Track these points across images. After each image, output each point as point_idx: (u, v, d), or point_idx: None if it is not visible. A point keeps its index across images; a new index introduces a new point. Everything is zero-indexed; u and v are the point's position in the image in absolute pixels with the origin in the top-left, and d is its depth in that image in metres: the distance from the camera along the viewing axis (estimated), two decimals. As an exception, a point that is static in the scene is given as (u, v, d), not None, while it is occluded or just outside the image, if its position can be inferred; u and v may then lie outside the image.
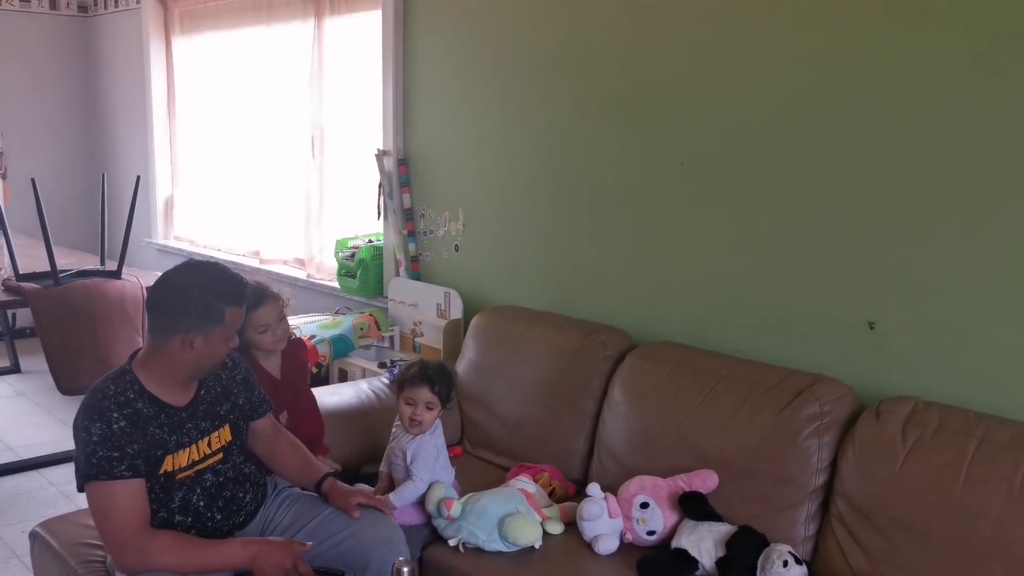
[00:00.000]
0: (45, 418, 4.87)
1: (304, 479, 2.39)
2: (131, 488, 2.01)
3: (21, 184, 5.59)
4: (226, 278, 2.13)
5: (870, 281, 2.48)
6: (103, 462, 1.98)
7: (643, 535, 2.40)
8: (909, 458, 2.14)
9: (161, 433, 2.08)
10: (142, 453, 2.03)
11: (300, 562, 2.07)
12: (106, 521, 2.02)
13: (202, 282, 2.08)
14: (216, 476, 2.19)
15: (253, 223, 5.23)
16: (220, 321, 2.07)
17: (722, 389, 2.52)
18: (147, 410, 2.06)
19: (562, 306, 3.27)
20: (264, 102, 5.07)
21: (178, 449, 2.11)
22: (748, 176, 2.73)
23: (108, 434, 1.99)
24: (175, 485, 2.11)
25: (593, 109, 3.16)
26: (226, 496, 2.21)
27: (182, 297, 2.06)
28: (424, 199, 3.90)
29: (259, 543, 2.11)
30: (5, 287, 4.09)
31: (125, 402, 2.04)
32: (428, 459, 2.51)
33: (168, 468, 2.09)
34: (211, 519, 2.17)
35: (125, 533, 2.00)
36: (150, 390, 2.08)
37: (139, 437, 2.03)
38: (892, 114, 2.39)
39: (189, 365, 2.09)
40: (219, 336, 2.08)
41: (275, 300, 2.65)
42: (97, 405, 2.02)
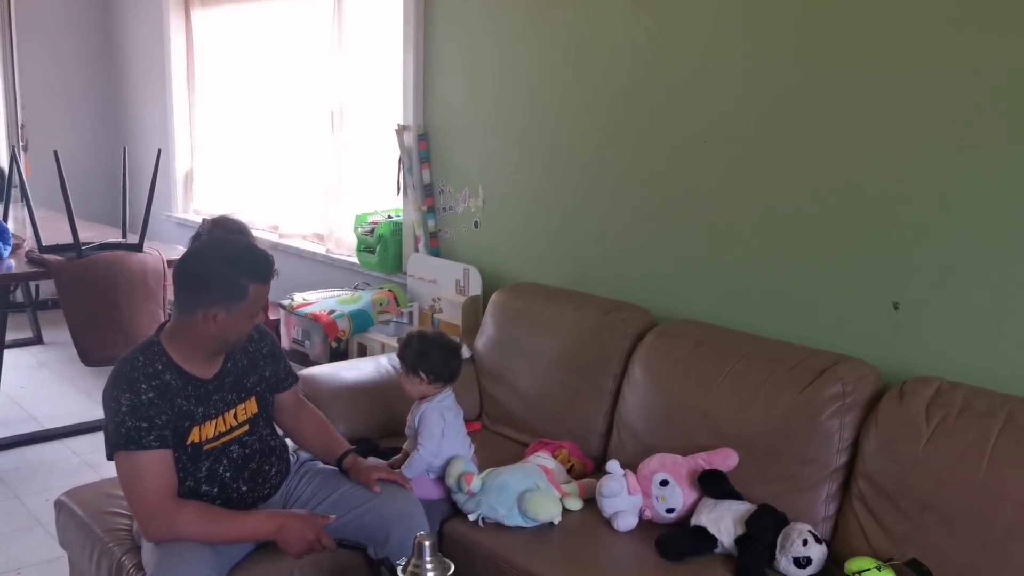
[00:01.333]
0: (67, 389, 4.93)
1: (326, 454, 2.41)
2: (159, 458, 2.04)
3: (42, 157, 5.63)
4: (251, 254, 2.13)
5: (895, 261, 2.46)
6: (132, 432, 2.00)
7: (662, 512, 2.41)
8: (932, 439, 2.13)
9: (188, 404, 2.10)
10: (170, 424, 2.05)
11: (323, 535, 2.09)
12: (134, 490, 2.05)
13: (227, 257, 2.09)
14: (242, 448, 2.21)
15: (272, 198, 5.24)
16: (243, 297, 2.07)
17: (743, 368, 2.52)
18: (175, 382, 2.08)
19: (582, 283, 3.27)
20: (283, 76, 5.06)
21: (205, 420, 2.13)
22: (772, 154, 2.71)
23: (137, 405, 2.01)
24: (202, 456, 2.13)
25: (615, 86, 3.14)
26: (252, 468, 2.23)
27: (206, 272, 2.07)
28: (444, 175, 3.90)
29: (283, 515, 2.13)
30: (29, 259, 4.13)
31: (153, 373, 2.06)
32: (431, 428, 2.52)
33: (195, 439, 2.11)
34: (236, 490, 2.20)
35: (153, 502, 2.03)
36: (177, 362, 2.10)
37: (167, 408, 2.05)
38: (921, 93, 2.36)
39: (213, 339, 2.10)
40: (243, 312, 2.09)
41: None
42: (126, 376, 2.04)
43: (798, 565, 2.16)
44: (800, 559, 2.15)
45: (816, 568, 2.17)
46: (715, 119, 2.85)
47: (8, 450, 4.04)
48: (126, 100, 6.51)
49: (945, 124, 2.32)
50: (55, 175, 3.96)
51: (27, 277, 4.26)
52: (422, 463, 2.51)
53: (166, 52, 5.88)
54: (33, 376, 5.13)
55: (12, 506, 3.52)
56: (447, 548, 2.39)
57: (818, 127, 2.59)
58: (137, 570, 2.18)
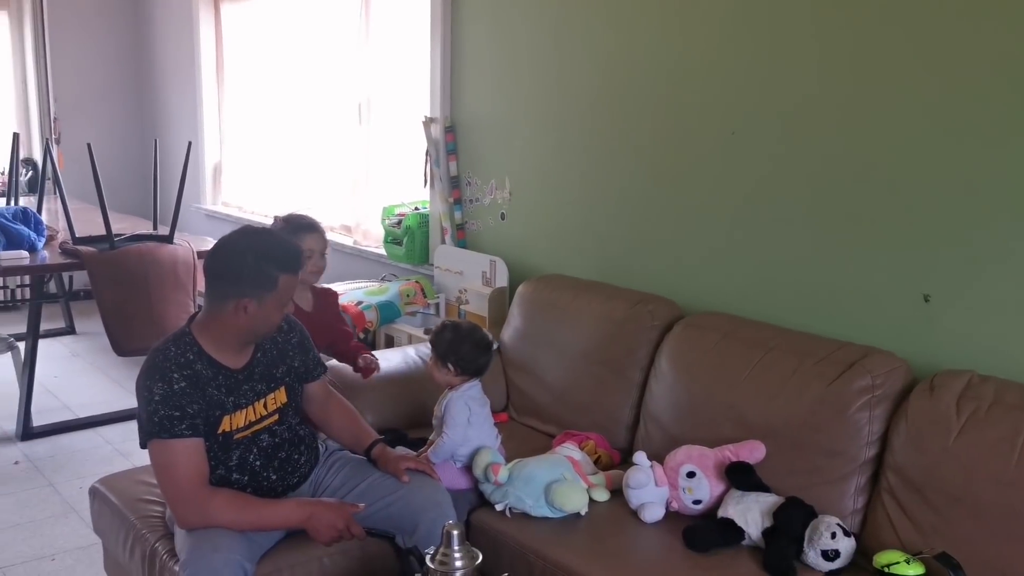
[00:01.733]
0: (100, 378, 5.00)
1: (355, 444, 2.43)
2: (191, 446, 2.07)
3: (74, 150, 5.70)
4: (281, 245, 2.16)
5: (926, 253, 2.44)
6: (164, 421, 2.04)
7: (689, 504, 2.41)
8: (963, 432, 2.12)
9: (219, 394, 2.13)
10: (201, 413, 2.08)
11: (352, 523, 2.11)
12: (167, 478, 2.08)
13: (257, 248, 2.11)
14: (272, 437, 2.24)
15: (300, 189, 5.27)
16: (273, 287, 2.09)
17: (771, 360, 2.51)
18: (206, 372, 2.11)
19: (608, 275, 3.27)
20: (311, 69, 5.09)
21: (235, 410, 2.16)
22: (800, 146, 2.69)
23: (169, 394, 2.04)
24: (232, 445, 2.16)
25: (642, 77, 3.13)
26: (281, 457, 2.26)
27: (237, 263, 2.09)
28: (471, 167, 3.90)
29: (313, 504, 2.15)
30: (62, 250, 4.19)
31: (185, 363, 2.09)
32: (457, 416, 2.53)
33: (226, 428, 2.14)
34: (266, 479, 2.22)
35: (185, 490, 2.07)
36: (208, 352, 2.13)
37: (199, 397, 2.08)
38: (949, 84, 2.33)
39: (243, 329, 2.13)
40: (273, 302, 2.11)
41: (321, 235, 2.79)
42: (159, 366, 2.08)
43: (826, 558, 2.15)
44: (828, 552, 2.15)
45: (844, 561, 2.17)
46: (743, 111, 2.83)
47: (43, 438, 4.11)
48: (156, 93, 6.57)
49: (976, 115, 2.30)
50: (87, 167, 4.01)
51: (61, 268, 4.33)
52: (447, 450, 2.52)
53: (196, 45, 5.93)
54: (66, 366, 5.21)
55: (47, 493, 3.59)
56: (474, 538, 2.40)
57: (846, 119, 2.57)
58: (170, 556, 2.21)
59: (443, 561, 1.83)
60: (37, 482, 3.69)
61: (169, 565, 2.19)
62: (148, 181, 4.61)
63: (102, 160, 4.10)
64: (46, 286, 4.71)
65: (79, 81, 6.45)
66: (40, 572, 3.02)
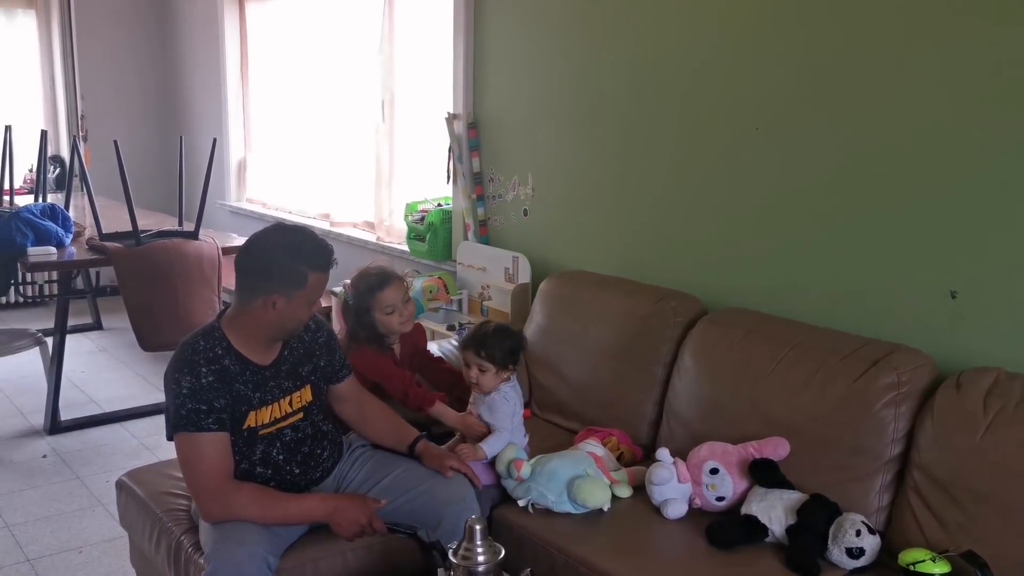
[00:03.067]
0: (126, 373, 5.05)
1: (397, 441, 2.44)
2: (217, 440, 2.09)
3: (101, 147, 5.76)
4: (313, 243, 2.15)
5: (952, 249, 2.41)
6: (192, 414, 2.06)
7: (712, 501, 2.40)
8: (990, 430, 2.09)
9: (246, 390, 2.15)
10: (228, 408, 2.10)
11: (375, 519, 2.13)
12: (192, 471, 2.11)
13: (288, 245, 2.12)
14: (295, 432, 2.25)
15: (324, 186, 5.30)
16: (302, 285, 2.10)
17: (795, 357, 2.49)
18: (233, 367, 2.13)
19: (631, 271, 3.26)
20: (335, 66, 5.11)
21: (261, 406, 2.18)
22: (826, 141, 2.67)
23: (197, 388, 2.06)
24: (257, 440, 2.18)
25: (665, 73, 3.12)
26: (304, 451, 2.27)
27: (267, 258, 2.11)
28: (493, 163, 3.91)
29: (336, 499, 2.17)
30: (89, 246, 4.24)
31: (214, 358, 2.11)
32: (507, 411, 2.53)
33: (251, 424, 2.16)
34: (289, 472, 2.24)
35: (210, 483, 2.09)
36: (237, 348, 2.15)
37: (226, 392, 2.10)
38: (977, 78, 2.31)
39: (271, 326, 2.14)
40: (301, 300, 2.12)
41: (399, 281, 2.70)
42: (188, 360, 2.10)
43: (851, 555, 2.14)
44: (853, 549, 2.13)
45: (869, 559, 2.15)
46: (768, 106, 2.81)
47: (70, 432, 4.16)
48: (182, 91, 6.63)
49: (1004, 109, 2.27)
50: (114, 164, 4.05)
51: (88, 264, 4.38)
52: (502, 444, 2.51)
53: (221, 44, 5.97)
54: (93, 361, 5.27)
55: (74, 487, 3.63)
56: (497, 533, 2.40)
57: (873, 115, 2.54)
58: (195, 550, 2.23)
59: (466, 556, 1.84)
60: (64, 475, 3.73)
61: (194, 558, 2.21)
62: (173, 178, 4.66)
63: (128, 157, 4.14)
64: (73, 282, 4.76)
65: (106, 79, 6.52)
66: (67, 564, 3.05)
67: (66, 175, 5.40)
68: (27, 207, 4.32)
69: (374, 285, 2.64)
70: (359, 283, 2.68)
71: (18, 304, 6.30)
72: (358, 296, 2.66)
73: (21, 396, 4.56)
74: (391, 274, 2.70)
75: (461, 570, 1.83)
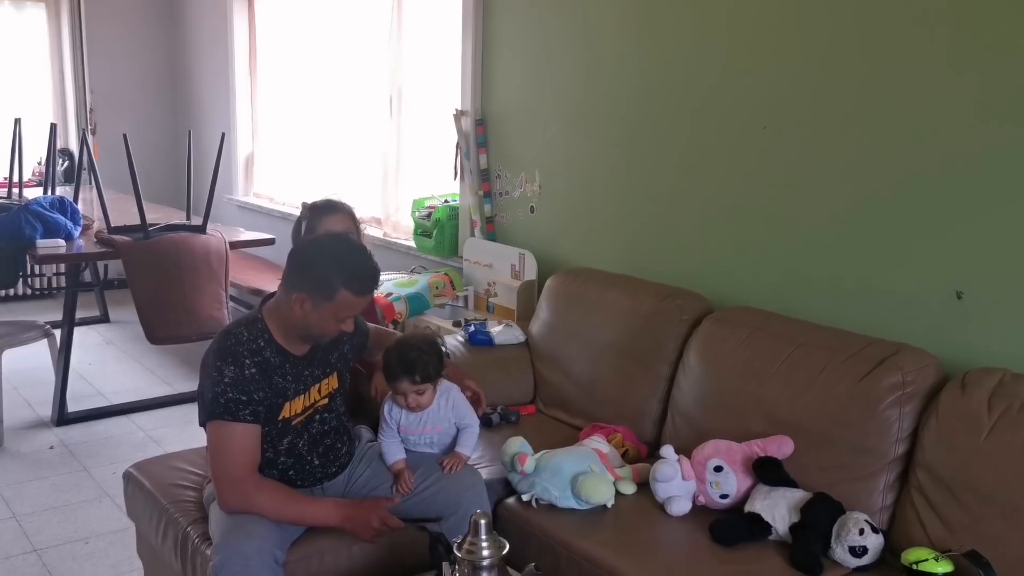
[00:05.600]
0: (133, 366, 5.07)
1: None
2: (249, 432, 2.12)
3: (109, 140, 5.78)
4: (359, 263, 2.14)
5: (958, 250, 2.41)
6: (230, 404, 2.09)
7: (716, 498, 2.41)
8: (995, 430, 2.10)
9: (284, 382, 2.18)
10: (265, 400, 2.13)
11: (388, 518, 2.16)
12: (220, 459, 2.13)
13: (335, 256, 2.13)
14: (321, 424, 2.29)
15: (331, 182, 5.31)
16: (330, 298, 2.10)
17: (800, 356, 2.50)
18: (274, 359, 2.16)
19: (638, 269, 3.26)
20: (343, 61, 5.12)
21: (296, 396, 2.21)
22: (833, 141, 2.67)
23: (240, 379, 2.09)
24: (289, 430, 2.22)
25: (673, 71, 3.12)
26: (327, 444, 2.31)
27: (310, 259, 2.14)
28: (501, 160, 3.91)
29: (350, 507, 2.21)
30: (98, 239, 4.25)
31: (256, 350, 2.14)
32: (461, 401, 2.45)
33: (286, 415, 2.20)
34: (310, 463, 2.28)
35: (236, 474, 2.12)
36: (277, 339, 2.18)
37: (265, 385, 2.13)
38: (982, 82, 2.31)
39: (297, 324, 2.15)
40: (328, 312, 2.12)
41: (348, 216, 2.76)
42: (231, 349, 2.12)
43: (854, 554, 2.15)
44: (856, 548, 2.14)
45: (872, 558, 2.16)
46: (774, 105, 2.82)
47: (77, 424, 4.18)
48: (190, 85, 6.65)
49: (1009, 110, 2.27)
50: (122, 158, 4.07)
51: (97, 257, 4.40)
52: (475, 435, 2.48)
53: (229, 38, 5.98)
54: (100, 353, 5.29)
55: (81, 478, 3.65)
56: (501, 527, 2.41)
57: (879, 115, 2.55)
58: (202, 541, 2.25)
59: (470, 550, 1.84)
60: (72, 467, 3.75)
61: (201, 549, 2.23)
62: (181, 172, 4.68)
63: (137, 151, 4.16)
64: (81, 275, 4.78)
65: (115, 73, 6.54)
66: (74, 555, 3.07)
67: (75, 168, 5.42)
68: (36, 200, 4.34)
69: (323, 209, 2.75)
70: (315, 203, 2.80)
71: (26, 296, 6.33)
72: (308, 217, 2.76)
73: (29, 388, 4.58)
74: (341, 207, 2.77)
75: (466, 564, 1.84)
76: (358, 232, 2.88)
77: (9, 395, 4.31)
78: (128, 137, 4.10)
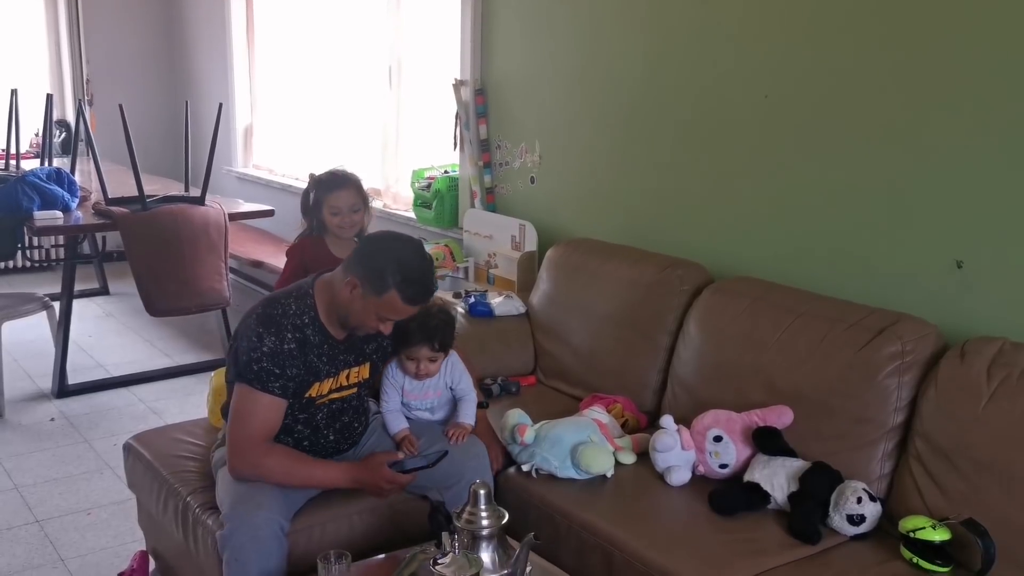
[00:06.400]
0: (133, 338, 5.07)
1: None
2: (274, 405, 2.14)
3: (106, 111, 5.75)
4: (417, 273, 2.13)
5: (958, 219, 2.40)
6: (263, 373, 2.10)
7: (715, 468, 2.41)
8: (993, 399, 2.09)
9: (319, 362, 2.19)
10: (297, 377, 2.14)
11: (393, 476, 2.18)
12: (239, 423, 2.15)
13: (398, 257, 2.12)
14: (343, 404, 2.30)
15: (330, 153, 5.28)
16: (379, 294, 2.10)
17: (800, 325, 2.50)
18: (314, 338, 2.17)
19: (638, 239, 3.25)
20: (342, 31, 5.08)
21: (326, 378, 2.22)
22: (834, 110, 2.65)
23: (277, 351, 2.10)
24: (312, 408, 2.23)
25: (674, 39, 3.09)
26: (344, 421, 2.33)
27: (378, 252, 2.13)
28: (501, 130, 3.89)
29: (355, 469, 2.22)
30: (95, 211, 4.24)
31: (300, 325, 2.15)
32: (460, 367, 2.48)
33: (312, 394, 2.21)
34: (325, 438, 2.30)
35: (251, 441, 2.13)
36: (321, 318, 2.18)
37: (300, 363, 2.14)
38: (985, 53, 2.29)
39: (341, 306, 2.16)
40: (372, 305, 2.12)
41: (353, 190, 2.85)
42: (276, 319, 2.13)
43: (852, 522, 2.16)
44: (854, 516, 2.15)
45: (870, 526, 2.17)
46: (776, 74, 2.79)
47: (78, 396, 4.19)
48: (188, 55, 6.59)
49: (1012, 79, 2.25)
50: (119, 129, 4.04)
51: (94, 228, 4.38)
52: (474, 402, 2.50)
53: (226, 7, 5.93)
54: (100, 325, 5.29)
55: (82, 450, 3.66)
56: (501, 497, 2.42)
57: (877, 84, 2.52)
58: (203, 510, 2.26)
59: (470, 520, 1.85)
60: (72, 438, 3.77)
61: (202, 519, 2.24)
62: (179, 143, 4.65)
63: (134, 122, 4.13)
64: (80, 246, 4.77)
65: (111, 43, 6.49)
66: (77, 525, 3.09)
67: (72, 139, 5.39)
68: (33, 171, 4.33)
69: (328, 184, 2.85)
70: (321, 177, 2.90)
71: (25, 268, 6.32)
72: (315, 187, 2.88)
73: (29, 360, 4.59)
74: (349, 180, 2.87)
75: (466, 534, 1.85)
76: (365, 205, 2.90)
77: (9, 367, 4.31)
78: (125, 108, 4.07)
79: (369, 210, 2.96)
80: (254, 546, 2.04)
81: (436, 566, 1.68)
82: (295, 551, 2.15)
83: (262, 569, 2.05)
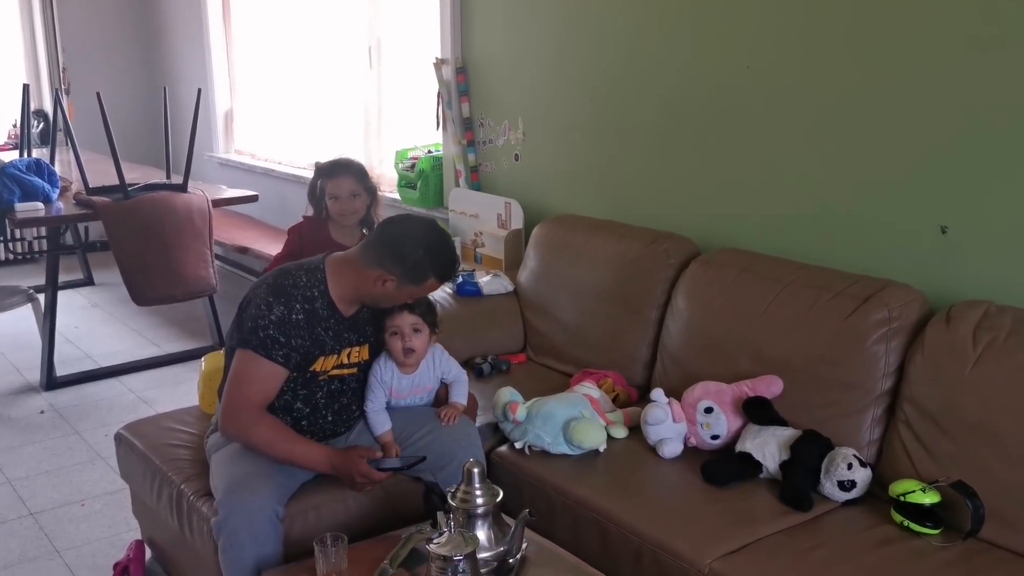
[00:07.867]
0: (119, 328, 5.05)
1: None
2: (275, 373, 2.15)
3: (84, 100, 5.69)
4: (450, 255, 2.24)
5: (942, 184, 2.41)
6: (268, 340, 2.11)
7: (707, 439, 2.43)
8: (980, 362, 2.11)
9: (326, 336, 2.21)
10: (302, 349, 2.16)
11: (369, 472, 2.18)
12: (237, 387, 2.16)
13: (432, 246, 2.18)
14: (343, 384, 2.31)
15: (312, 135, 5.25)
16: (419, 283, 2.17)
17: (788, 295, 2.51)
18: (322, 312, 2.19)
19: (624, 214, 3.25)
20: (321, 12, 5.03)
21: (330, 354, 2.23)
22: (816, 79, 2.65)
23: (285, 320, 2.12)
24: (315, 383, 2.25)
25: (655, 10, 3.08)
26: (343, 402, 2.33)
27: (409, 247, 2.15)
28: (483, 108, 3.87)
29: (336, 456, 2.21)
30: (77, 201, 4.20)
31: (310, 298, 2.17)
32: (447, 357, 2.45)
33: (316, 368, 2.22)
34: (323, 418, 2.30)
35: (245, 405, 2.15)
36: (331, 294, 2.20)
37: (307, 334, 2.16)
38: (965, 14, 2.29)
39: (369, 295, 2.20)
40: (408, 292, 2.19)
41: (352, 178, 2.89)
42: (287, 289, 2.15)
43: (842, 488, 2.18)
44: (844, 482, 2.17)
45: (860, 491, 2.19)
46: (758, 45, 2.79)
47: (67, 388, 4.18)
48: (164, 40, 6.52)
49: (993, 43, 2.25)
50: (97, 118, 4.00)
51: (76, 219, 4.34)
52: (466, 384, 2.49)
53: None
54: (86, 316, 5.27)
55: (74, 441, 3.65)
56: (494, 475, 2.43)
57: (860, 51, 2.52)
58: (197, 497, 2.26)
59: (464, 499, 1.86)
60: (63, 430, 3.76)
61: (197, 506, 2.24)
62: (159, 130, 4.60)
63: (112, 109, 4.09)
64: (62, 237, 4.73)
65: (87, 30, 6.41)
66: (70, 517, 3.09)
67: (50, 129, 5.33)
68: (12, 163, 4.28)
69: (329, 171, 2.92)
70: (323, 164, 2.97)
71: (8, 261, 6.28)
72: (318, 174, 2.96)
73: (16, 352, 4.56)
74: (348, 167, 2.93)
75: (460, 512, 1.86)
76: (370, 192, 2.94)
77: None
78: (102, 96, 4.03)
79: (377, 198, 2.98)
80: (250, 531, 2.05)
81: (432, 545, 1.68)
82: (291, 534, 2.15)
83: (258, 554, 2.06)
